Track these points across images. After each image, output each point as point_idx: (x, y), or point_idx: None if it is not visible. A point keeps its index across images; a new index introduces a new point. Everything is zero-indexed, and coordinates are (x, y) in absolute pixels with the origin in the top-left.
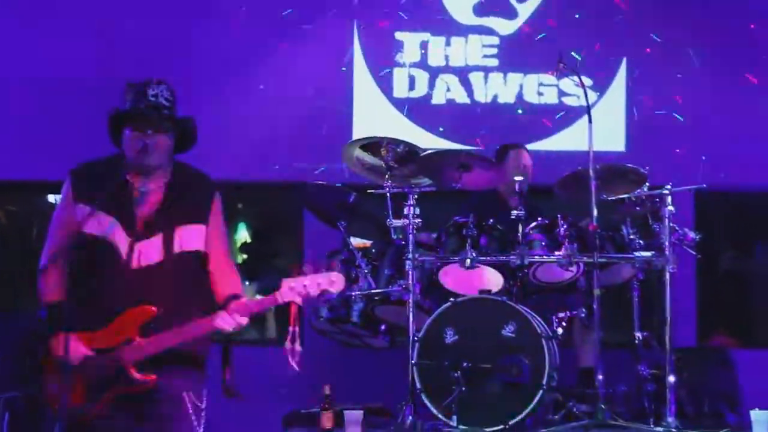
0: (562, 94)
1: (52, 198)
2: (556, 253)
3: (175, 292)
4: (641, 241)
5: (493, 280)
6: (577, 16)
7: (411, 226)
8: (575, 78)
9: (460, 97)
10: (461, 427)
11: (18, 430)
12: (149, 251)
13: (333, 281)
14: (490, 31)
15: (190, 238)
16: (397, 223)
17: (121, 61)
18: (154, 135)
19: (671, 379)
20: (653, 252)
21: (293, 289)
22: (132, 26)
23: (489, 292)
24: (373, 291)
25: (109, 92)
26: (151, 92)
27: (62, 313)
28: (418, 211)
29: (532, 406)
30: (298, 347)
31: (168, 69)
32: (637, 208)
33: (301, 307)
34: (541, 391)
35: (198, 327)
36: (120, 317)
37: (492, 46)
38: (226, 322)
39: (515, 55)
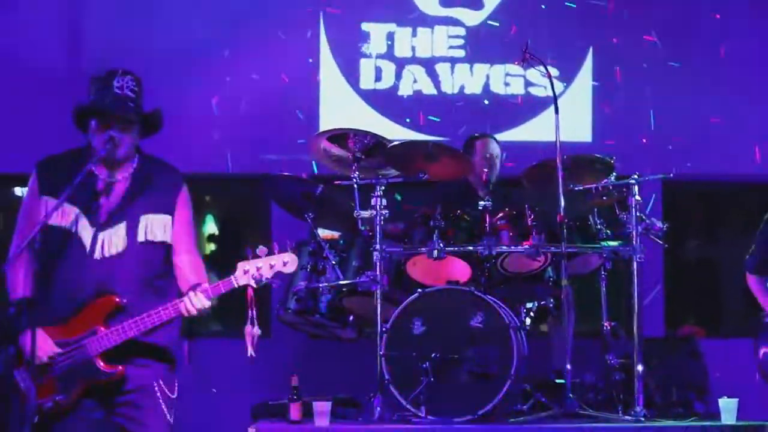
0: (528, 84)
1: (18, 191)
2: (524, 243)
3: (139, 281)
4: (609, 231)
5: (460, 270)
6: (543, 6)
7: (378, 217)
8: (541, 68)
9: (427, 88)
10: (430, 417)
11: None
12: (112, 241)
13: (285, 262)
14: (456, 22)
15: (154, 227)
16: (365, 214)
17: (86, 53)
18: (120, 128)
19: (639, 368)
20: (621, 241)
21: (247, 272)
22: (97, 18)
23: (457, 282)
24: (340, 282)
25: (74, 84)
26: (116, 84)
27: (29, 310)
28: (385, 202)
29: (500, 396)
30: (256, 330)
31: (134, 61)
32: (604, 198)
33: (257, 290)
34: (509, 381)
35: (162, 313)
36: (85, 308)
37: (458, 36)
38: (190, 305)
39: (482, 45)
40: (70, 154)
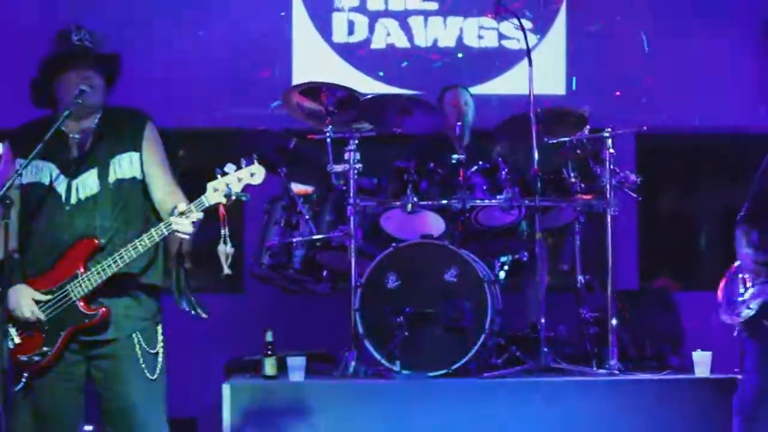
0: (502, 37)
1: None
2: (498, 196)
3: (116, 220)
4: (583, 184)
5: (434, 224)
6: None
7: (352, 172)
8: (515, 21)
9: (400, 41)
10: (404, 371)
11: None
12: (86, 185)
13: (253, 173)
14: None
15: (123, 166)
16: (338, 168)
17: (60, 7)
18: (92, 75)
19: (613, 321)
20: (594, 195)
21: (217, 190)
22: None
23: (431, 236)
24: (314, 237)
25: (48, 38)
26: (75, 37)
27: (9, 270)
28: (358, 156)
29: (474, 350)
30: (230, 249)
31: (106, 16)
32: (578, 151)
33: (227, 207)
34: (483, 335)
35: (137, 245)
36: (65, 254)
37: None
38: (181, 222)
39: None
40: (39, 121)
